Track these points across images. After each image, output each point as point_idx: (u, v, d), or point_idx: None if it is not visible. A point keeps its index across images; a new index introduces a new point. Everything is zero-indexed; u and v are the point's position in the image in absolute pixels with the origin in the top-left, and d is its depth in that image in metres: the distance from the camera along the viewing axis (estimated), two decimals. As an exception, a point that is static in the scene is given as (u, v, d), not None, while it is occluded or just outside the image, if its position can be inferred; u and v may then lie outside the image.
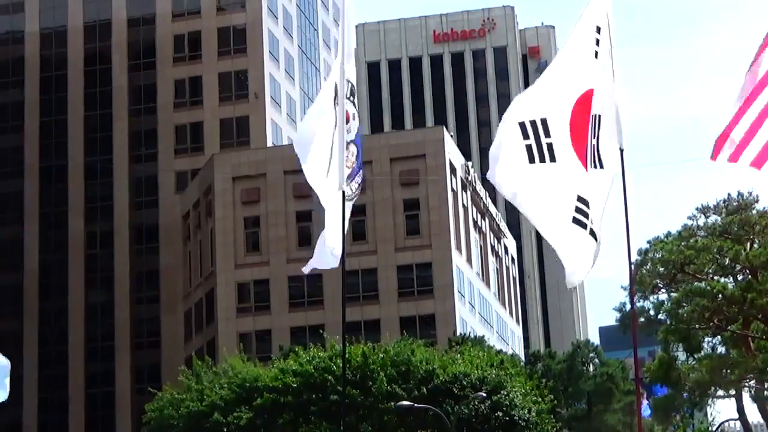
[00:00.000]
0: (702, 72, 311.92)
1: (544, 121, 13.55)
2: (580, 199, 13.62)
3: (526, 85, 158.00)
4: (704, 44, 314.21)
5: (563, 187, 13.53)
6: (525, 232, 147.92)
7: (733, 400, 64.16)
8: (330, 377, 51.45)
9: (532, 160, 13.44)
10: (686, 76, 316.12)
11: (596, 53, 14.02)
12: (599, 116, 14.05)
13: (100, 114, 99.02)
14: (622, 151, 13.95)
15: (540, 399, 55.32)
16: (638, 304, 59.19)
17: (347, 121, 15.40)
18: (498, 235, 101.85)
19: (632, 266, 13.61)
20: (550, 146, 13.52)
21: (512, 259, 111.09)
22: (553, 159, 13.50)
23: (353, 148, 15.55)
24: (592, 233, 13.69)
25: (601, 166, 14.00)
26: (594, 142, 13.90)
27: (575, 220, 13.57)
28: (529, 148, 13.45)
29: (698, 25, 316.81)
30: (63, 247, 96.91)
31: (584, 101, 13.85)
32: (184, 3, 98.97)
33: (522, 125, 13.50)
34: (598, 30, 14.09)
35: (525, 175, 13.40)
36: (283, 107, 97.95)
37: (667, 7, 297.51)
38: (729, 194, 58.03)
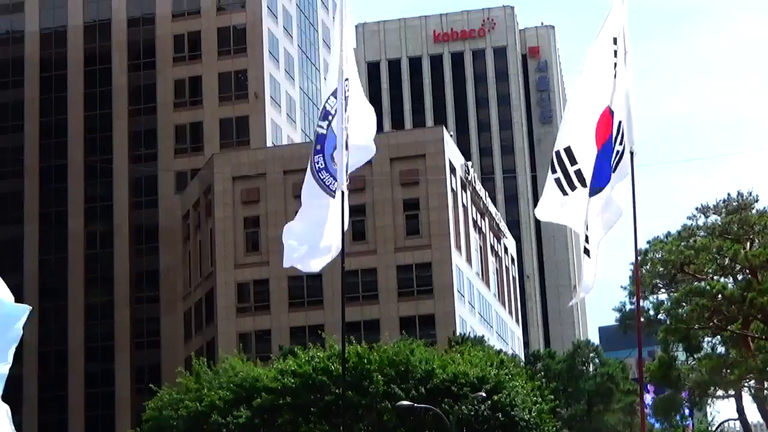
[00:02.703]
0: (699, 70, 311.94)
1: (568, 150, 13.82)
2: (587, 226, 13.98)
3: (526, 85, 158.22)
4: (701, 42, 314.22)
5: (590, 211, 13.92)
6: (525, 232, 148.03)
7: (732, 400, 64.17)
8: (325, 378, 51.46)
9: (564, 191, 13.80)
10: (683, 75, 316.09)
11: (615, 64, 14.18)
12: (621, 122, 14.15)
13: (100, 114, 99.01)
14: (632, 153, 14.00)
15: (540, 399, 55.34)
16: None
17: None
18: (498, 235, 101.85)
19: (635, 266, 13.75)
20: (578, 172, 13.82)
21: (512, 259, 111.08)
22: (583, 184, 13.85)
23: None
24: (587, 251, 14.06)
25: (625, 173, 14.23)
26: (620, 148, 14.04)
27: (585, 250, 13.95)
28: (558, 181, 13.80)
29: (693, 22, 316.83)
30: (63, 247, 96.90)
31: (604, 118, 14.05)
32: (184, 3, 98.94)
33: (551, 159, 13.88)
34: (615, 41, 14.24)
35: (563, 207, 13.85)
36: (283, 107, 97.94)
37: (661, 4, 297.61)
38: (729, 194, 58.07)
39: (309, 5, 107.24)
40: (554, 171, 13.86)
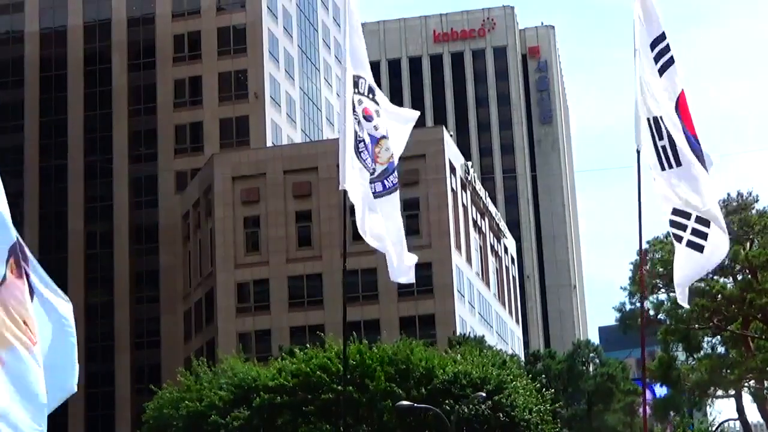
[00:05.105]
0: (697, 71, 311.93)
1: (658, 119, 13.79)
2: (677, 211, 13.69)
3: (526, 85, 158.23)
4: (699, 43, 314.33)
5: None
6: (525, 232, 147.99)
7: (733, 400, 64.18)
8: (324, 375, 51.43)
9: (663, 166, 13.60)
10: (683, 76, 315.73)
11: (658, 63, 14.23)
12: (660, 117, 14.09)
13: (100, 114, 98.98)
14: (638, 152, 13.92)
15: (541, 400, 55.31)
16: (638, 305, 59.24)
17: (371, 119, 15.25)
18: (498, 235, 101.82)
19: (641, 266, 13.68)
20: (669, 148, 13.73)
21: (512, 259, 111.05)
22: (678, 163, 13.64)
23: (385, 143, 15.38)
24: (691, 244, 13.70)
25: (678, 164, 14.00)
26: (662, 143, 13.94)
27: (674, 235, 13.65)
28: (663, 150, 13.61)
29: (691, 23, 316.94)
30: (63, 247, 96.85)
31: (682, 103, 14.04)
32: (184, 3, 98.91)
33: (652, 121, 13.65)
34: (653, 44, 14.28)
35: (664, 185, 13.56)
36: (283, 107, 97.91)
37: (664, 5, 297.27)
38: (729, 194, 58.07)
39: (309, 5, 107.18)
40: (660, 137, 13.78)
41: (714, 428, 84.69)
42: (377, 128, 15.25)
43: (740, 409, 63.02)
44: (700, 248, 13.63)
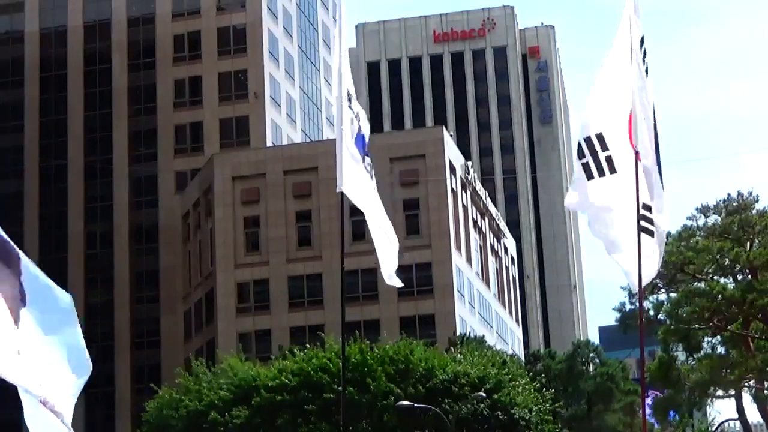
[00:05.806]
0: (699, 71, 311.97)
1: (599, 136, 13.92)
2: (645, 206, 13.98)
3: (526, 85, 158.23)
4: (697, 43, 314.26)
5: (627, 196, 13.87)
6: (525, 232, 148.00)
7: (733, 400, 64.17)
8: (325, 376, 51.47)
9: (590, 176, 13.78)
10: (680, 76, 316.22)
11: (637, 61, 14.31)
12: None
13: (100, 114, 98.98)
14: (637, 153, 13.96)
15: (541, 400, 55.35)
16: (638, 305, 59.18)
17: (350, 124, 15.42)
18: (498, 235, 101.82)
19: (638, 267, 13.68)
20: (608, 159, 13.88)
21: (512, 259, 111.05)
22: (613, 170, 13.88)
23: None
24: (659, 237, 14.12)
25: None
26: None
27: (642, 228, 13.90)
28: (585, 166, 13.82)
29: (689, 22, 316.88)
30: (63, 247, 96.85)
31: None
32: (184, 3, 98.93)
33: (578, 145, 13.95)
34: (642, 41, 14.34)
35: (588, 192, 13.90)
36: (283, 107, 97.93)
37: (656, 5, 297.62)
38: (729, 194, 58.06)
39: (309, 5, 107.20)
40: (582, 156, 13.99)
41: (714, 428, 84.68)
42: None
43: (740, 409, 63.01)
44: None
